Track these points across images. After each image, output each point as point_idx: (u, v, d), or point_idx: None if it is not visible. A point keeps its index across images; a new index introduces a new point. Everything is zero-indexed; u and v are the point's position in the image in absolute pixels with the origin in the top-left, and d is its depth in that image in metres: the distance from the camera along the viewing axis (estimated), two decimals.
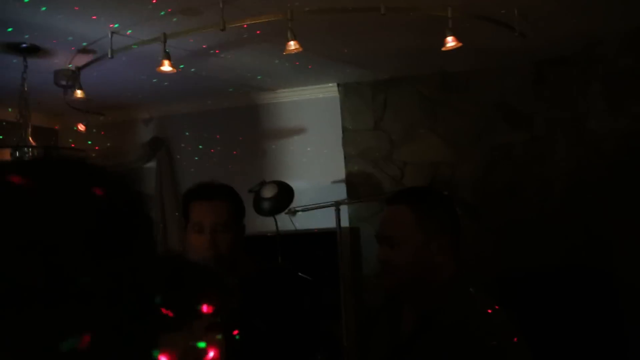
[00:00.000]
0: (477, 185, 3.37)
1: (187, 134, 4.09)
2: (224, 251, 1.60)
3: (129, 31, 2.50)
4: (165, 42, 2.35)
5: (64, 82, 2.98)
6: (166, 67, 2.38)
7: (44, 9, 2.27)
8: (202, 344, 0.72)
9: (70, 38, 2.64)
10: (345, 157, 3.74)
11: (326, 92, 3.82)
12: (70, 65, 2.89)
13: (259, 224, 3.33)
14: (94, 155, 4.13)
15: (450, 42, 2.27)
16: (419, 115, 3.59)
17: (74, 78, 2.91)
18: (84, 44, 2.67)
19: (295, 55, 3.09)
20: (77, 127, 3.60)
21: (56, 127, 4.32)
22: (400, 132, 3.64)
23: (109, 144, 4.15)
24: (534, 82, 3.39)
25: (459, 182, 3.40)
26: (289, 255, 3.33)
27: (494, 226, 3.33)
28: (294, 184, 3.60)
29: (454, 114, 3.51)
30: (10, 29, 2.45)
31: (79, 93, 2.72)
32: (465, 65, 3.36)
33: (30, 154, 2.61)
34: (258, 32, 2.59)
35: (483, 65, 3.38)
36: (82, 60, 2.84)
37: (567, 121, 3.32)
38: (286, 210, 3.21)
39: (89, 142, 4.07)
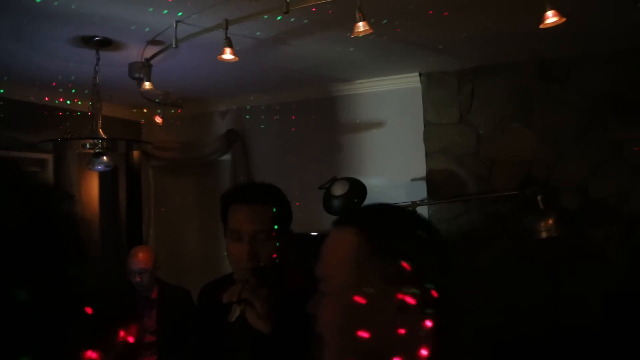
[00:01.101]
0: (580, 191, 2.92)
1: (262, 126, 3.99)
2: (265, 262, 1.41)
3: (192, 17, 2.40)
4: (226, 28, 2.21)
5: (137, 75, 2.98)
6: (228, 55, 2.24)
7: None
8: None
9: (147, 29, 2.61)
10: (426, 153, 3.44)
11: (407, 83, 3.53)
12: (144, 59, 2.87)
13: (329, 221, 3.14)
14: (172, 147, 4.17)
15: (551, 17, 1.89)
16: (510, 107, 3.19)
17: (146, 70, 2.88)
18: (148, 30, 2.61)
19: (372, 43, 2.86)
20: (155, 120, 3.62)
21: (142, 121, 4.41)
22: (488, 126, 3.26)
23: (186, 137, 4.17)
24: None
25: (557, 186, 2.97)
26: None
27: (600, 240, 2.88)
28: (370, 180, 3.38)
29: (553, 106, 3.07)
30: (82, 23, 2.45)
31: (147, 85, 2.67)
32: (568, 49, 2.92)
33: (100, 146, 2.61)
34: (330, 11, 2.37)
35: (590, 49, 2.92)
36: (153, 52, 2.80)
37: None
38: None
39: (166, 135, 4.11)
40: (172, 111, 3.70)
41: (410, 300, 0.83)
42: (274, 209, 1.44)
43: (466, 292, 3.22)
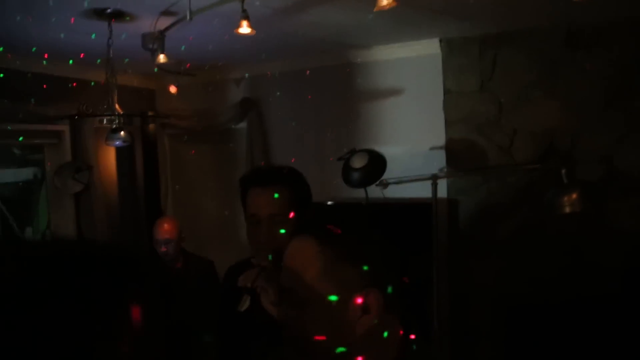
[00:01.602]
0: (605, 162, 2.85)
1: (278, 94, 3.92)
2: (280, 244, 1.41)
3: None
4: (243, 0, 2.14)
5: (151, 46, 2.92)
6: (244, 28, 2.17)
7: None
8: None
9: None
10: (446, 122, 3.37)
11: (427, 49, 3.42)
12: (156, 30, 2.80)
13: (347, 190, 3.14)
14: (187, 115, 4.14)
15: None
16: (534, 75, 3.09)
17: (160, 42, 2.82)
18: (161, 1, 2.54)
19: (392, 8, 2.75)
20: (169, 89, 3.57)
21: (153, 89, 4.36)
22: (511, 94, 3.17)
23: (201, 105, 4.13)
24: None
25: (581, 157, 2.91)
26: (378, 228, 3.11)
27: (624, 213, 2.84)
28: (389, 150, 3.34)
29: (579, 74, 2.96)
30: None
31: (161, 57, 2.62)
32: (596, 15, 2.79)
33: (117, 121, 2.59)
34: None
35: (618, 14, 2.79)
36: (166, 23, 2.73)
37: None
38: (377, 182, 2.97)
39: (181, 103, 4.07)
40: (177, 81, 3.64)
41: (372, 301, 0.89)
42: (292, 192, 1.44)
43: (484, 263, 3.25)
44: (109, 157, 3.97)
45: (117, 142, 2.73)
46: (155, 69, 3.03)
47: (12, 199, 4.42)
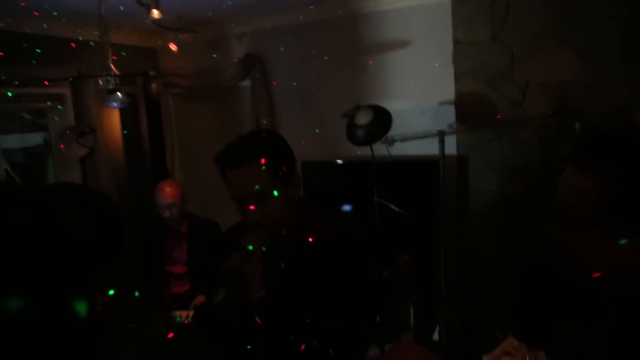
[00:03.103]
0: (622, 116, 2.71)
1: (281, 49, 3.80)
2: (272, 219, 1.36)
3: None
4: None
5: (145, 1, 2.81)
6: None
7: None
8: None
9: None
10: (455, 75, 3.23)
11: None
12: None
13: (355, 148, 3.06)
14: (190, 74, 4.05)
15: None
16: (549, 23, 2.91)
17: None
18: None
19: None
20: (169, 47, 3.47)
21: (155, 47, 4.26)
22: (523, 44, 3.01)
23: (204, 63, 4.02)
24: None
25: (597, 110, 2.76)
26: (385, 186, 3.06)
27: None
28: (395, 105, 3.24)
29: (597, 22, 2.78)
30: None
31: (155, 13, 2.52)
32: None
33: (113, 82, 2.52)
34: None
35: None
36: None
37: None
38: (382, 140, 2.88)
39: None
40: (180, 36, 3.53)
41: None
42: (273, 163, 1.35)
43: (493, 222, 3.17)
44: (113, 119, 3.92)
45: (115, 104, 2.67)
46: (157, 25, 2.94)
47: (22, 164, 4.44)
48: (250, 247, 1.33)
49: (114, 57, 2.96)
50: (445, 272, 2.95)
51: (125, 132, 3.87)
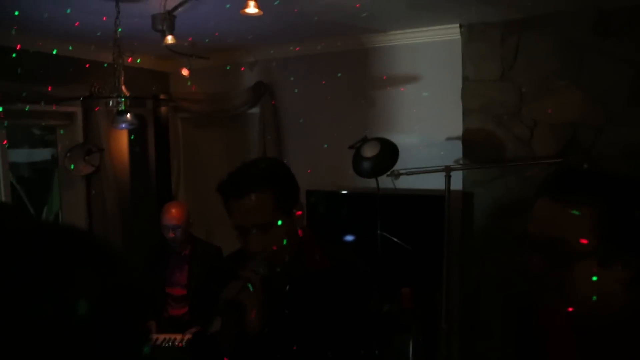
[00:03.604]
0: (631, 158, 2.70)
1: (291, 79, 3.84)
2: (273, 249, 1.35)
3: None
4: None
5: (160, 27, 2.86)
6: (252, 9, 2.10)
7: None
8: None
9: None
10: (463, 112, 3.25)
11: (446, 35, 3.28)
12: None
13: (361, 180, 3.06)
14: (200, 99, 4.09)
15: None
16: (559, 63, 2.94)
17: (169, 23, 2.76)
18: None
19: None
20: (181, 72, 3.52)
21: (168, 72, 4.32)
22: (533, 84, 3.03)
23: (214, 89, 4.07)
24: None
25: (605, 151, 2.76)
26: (389, 219, 3.04)
27: None
28: (403, 138, 3.24)
29: (606, 64, 2.80)
30: None
31: (169, 39, 2.56)
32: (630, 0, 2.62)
33: (123, 103, 2.54)
34: None
35: None
36: (175, 3, 2.66)
37: None
38: (388, 173, 2.88)
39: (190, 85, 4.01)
40: (188, 64, 3.58)
41: None
42: (276, 194, 1.34)
43: (498, 260, 3.13)
44: (121, 140, 3.95)
45: (123, 125, 2.69)
46: (171, 51, 2.98)
47: (29, 179, 4.46)
48: (250, 287, 1.31)
49: (126, 78, 3.00)
50: (447, 308, 2.90)
51: (133, 153, 3.89)
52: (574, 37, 2.89)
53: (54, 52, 3.30)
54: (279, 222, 1.33)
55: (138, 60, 3.90)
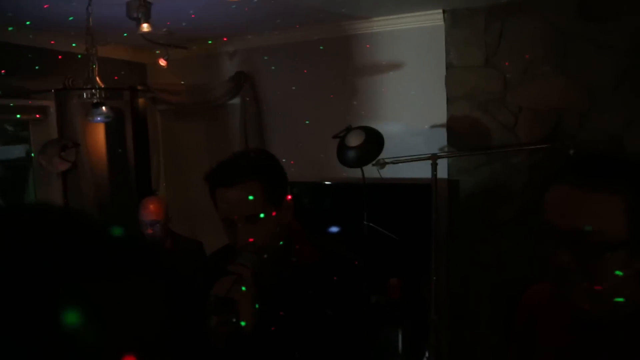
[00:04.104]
0: (614, 142, 2.69)
1: (273, 68, 3.76)
2: (262, 242, 1.30)
3: None
4: None
5: (135, 15, 2.75)
6: None
7: None
8: None
9: None
10: (448, 99, 3.21)
11: (429, 21, 3.23)
12: None
13: (346, 169, 3.01)
14: (179, 90, 3.98)
15: None
16: (543, 49, 2.91)
17: (144, 10, 2.66)
18: None
19: None
20: (159, 62, 3.42)
21: (145, 62, 4.20)
22: (517, 70, 3.00)
23: (193, 80, 3.97)
24: None
25: (589, 137, 2.75)
26: (375, 209, 3.00)
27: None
28: (387, 127, 3.19)
29: (591, 49, 2.78)
30: None
31: (145, 27, 2.47)
32: None
33: (98, 95, 2.44)
34: None
35: None
36: None
37: None
38: (373, 162, 2.83)
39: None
40: (166, 56, 3.48)
41: None
42: (266, 185, 1.30)
43: (485, 247, 3.12)
44: (98, 134, 3.83)
45: (99, 118, 2.59)
46: (148, 40, 2.89)
47: (3, 177, 4.31)
48: (243, 288, 1.26)
49: (101, 70, 2.90)
50: (435, 298, 2.87)
51: (110, 147, 3.77)
52: (558, 23, 2.86)
53: (25, 43, 3.17)
54: (268, 214, 1.29)
55: (113, 51, 3.78)
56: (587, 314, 0.90)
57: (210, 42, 3.80)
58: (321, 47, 3.58)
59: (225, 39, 3.81)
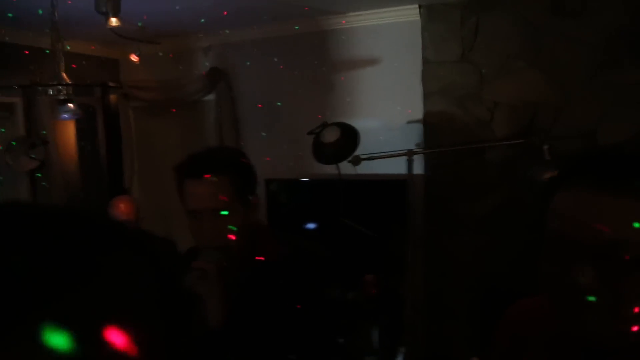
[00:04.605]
0: (588, 137, 2.71)
1: (248, 64, 3.70)
2: (227, 239, 1.27)
3: None
4: None
5: (104, 9, 2.67)
6: None
7: None
8: None
9: None
10: (424, 94, 3.20)
11: (405, 16, 3.21)
12: None
13: (322, 166, 2.97)
14: (152, 87, 3.90)
15: None
16: (518, 45, 2.91)
17: (112, 4, 2.58)
18: None
19: None
20: (130, 58, 3.33)
21: (117, 58, 4.10)
22: (492, 65, 3.00)
23: (167, 76, 3.88)
24: None
25: (563, 131, 2.76)
26: (351, 206, 2.98)
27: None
28: (363, 123, 3.17)
29: (565, 44, 2.79)
30: None
31: (113, 21, 2.39)
32: None
33: (65, 92, 2.36)
34: None
35: None
36: None
37: None
38: (349, 158, 2.80)
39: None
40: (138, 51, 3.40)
41: None
42: (236, 180, 1.29)
43: (461, 243, 3.12)
44: (68, 132, 3.73)
45: (66, 115, 2.51)
46: (118, 35, 2.80)
47: None
48: (216, 257, 1.24)
49: (74, 66, 2.81)
50: (411, 294, 2.86)
51: (81, 145, 3.68)
52: (532, 18, 2.87)
53: None
54: (235, 211, 1.28)
55: (84, 47, 3.68)
56: (600, 342, 0.75)
57: (184, 37, 3.73)
58: (298, 43, 3.54)
59: (199, 35, 3.74)
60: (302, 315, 1.27)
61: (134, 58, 3.32)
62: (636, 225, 0.67)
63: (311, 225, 3.35)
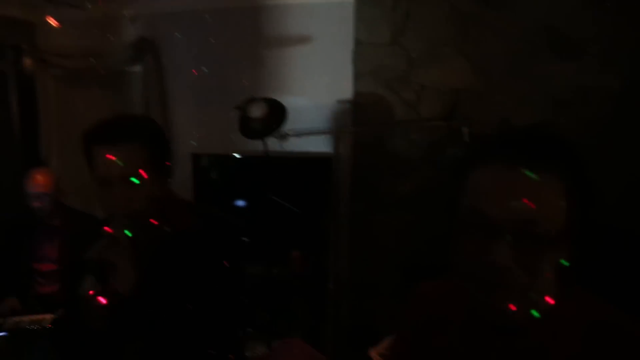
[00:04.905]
0: (505, 122, 2.84)
1: (178, 35, 3.58)
2: (139, 208, 1.24)
3: None
4: None
5: None
6: None
7: None
8: None
9: None
10: (355, 75, 3.22)
11: None
12: None
13: (249, 143, 2.94)
14: (73, 54, 3.69)
15: None
16: (445, 32, 3.00)
17: None
18: None
19: None
20: (48, 21, 3.14)
21: (33, 22, 3.83)
22: (421, 50, 3.07)
23: (90, 43, 3.68)
24: (594, 2, 2.74)
25: (483, 117, 2.88)
26: (278, 182, 2.98)
27: None
28: (293, 100, 3.17)
29: (489, 35, 2.90)
30: None
31: None
32: None
33: None
34: None
35: None
36: None
37: (630, 52, 2.70)
38: (276, 134, 2.78)
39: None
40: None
41: None
42: (147, 148, 1.27)
43: (385, 221, 3.20)
44: None
45: None
46: None
47: None
48: (128, 233, 1.20)
49: None
50: (334, 270, 2.91)
51: None
52: (460, 7, 2.96)
53: None
54: (146, 179, 1.25)
55: None
56: (508, 319, 0.75)
57: (110, 3, 3.55)
58: (231, 17, 3.46)
59: (126, 1, 3.57)
60: (212, 284, 1.27)
61: (51, 21, 3.14)
62: (548, 201, 0.69)
63: (240, 202, 3.33)
